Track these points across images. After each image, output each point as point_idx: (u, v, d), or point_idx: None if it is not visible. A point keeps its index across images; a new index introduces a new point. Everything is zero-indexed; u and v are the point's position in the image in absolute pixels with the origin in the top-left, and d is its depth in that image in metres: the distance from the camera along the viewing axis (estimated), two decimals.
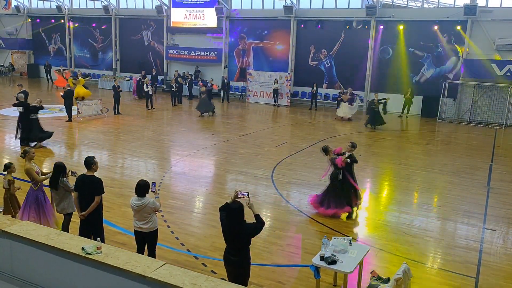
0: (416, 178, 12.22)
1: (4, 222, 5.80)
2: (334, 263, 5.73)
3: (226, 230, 5.61)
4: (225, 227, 5.63)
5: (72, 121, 18.07)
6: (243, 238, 5.58)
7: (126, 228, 8.02)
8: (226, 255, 5.67)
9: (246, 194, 5.77)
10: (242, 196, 5.76)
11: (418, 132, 19.55)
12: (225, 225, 5.63)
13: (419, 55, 22.77)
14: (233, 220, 5.53)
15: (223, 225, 5.67)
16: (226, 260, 5.69)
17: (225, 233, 5.65)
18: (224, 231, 5.66)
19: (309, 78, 24.68)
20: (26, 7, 34.04)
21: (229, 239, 5.63)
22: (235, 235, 5.56)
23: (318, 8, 24.83)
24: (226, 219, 5.61)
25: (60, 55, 33.40)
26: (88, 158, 6.72)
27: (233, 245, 5.61)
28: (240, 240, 5.58)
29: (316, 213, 9.29)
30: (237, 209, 5.51)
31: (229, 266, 5.68)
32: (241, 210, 5.53)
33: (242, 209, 5.54)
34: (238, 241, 5.58)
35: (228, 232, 5.60)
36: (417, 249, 7.93)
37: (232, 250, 5.61)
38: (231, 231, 5.57)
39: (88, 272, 4.99)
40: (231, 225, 5.56)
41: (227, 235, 5.63)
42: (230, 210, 5.55)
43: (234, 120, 20.52)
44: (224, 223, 5.66)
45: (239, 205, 5.54)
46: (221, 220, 5.73)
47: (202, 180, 11.52)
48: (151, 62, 29.73)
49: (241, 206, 5.54)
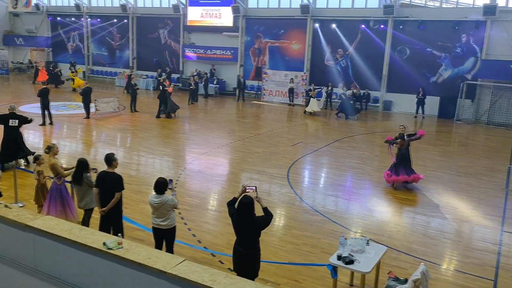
0: (433, 180, 12.11)
1: (28, 216, 5.94)
2: (352, 263, 5.73)
3: (238, 225, 5.72)
4: (236, 221, 5.73)
5: (90, 118, 18.32)
6: (254, 231, 5.70)
7: (144, 225, 8.13)
8: (237, 248, 5.77)
9: (254, 188, 5.89)
10: (250, 190, 5.85)
11: (435, 133, 19.35)
12: (236, 220, 5.73)
13: (436, 55, 22.53)
14: (245, 214, 5.63)
15: (234, 220, 5.77)
16: (236, 253, 5.78)
17: (236, 227, 5.75)
18: (235, 226, 5.76)
19: (325, 77, 24.61)
20: (46, 5, 34.57)
21: (241, 233, 5.73)
22: (247, 228, 5.67)
23: (334, 7, 24.72)
24: (237, 214, 5.69)
25: (78, 53, 33.85)
26: (108, 155, 6.84)
27: (244, 238, 5.72)
28: (252, 233, 5.70)
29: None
30: (249, 203, 5.60)
31: (239, 259, 5.76)
32: (252, 204, 5.64)
33: (253, 203, 5.65)
34: (249, 234, 5.70)
35: (240, 226, 5.70)
36: (435, 251, 7.88)
37: (243, 243, 5.71)
38: (243, 225, 5.67)
39: (109, 267, 5.09)
40: (242, 220, 5.65)
41: (238, 229, 5.73)
42: (242, 205, 5.63)
43: (250, 119, 20.58)
44: (234, 218, 5.76)
45: (250, 200, 5.63)
46: (231, 215, 5.83)
47: (218, 178, 11.60)
48: (167, 60, 29.96)
49: (252, 201, 5.65)
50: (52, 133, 15.94)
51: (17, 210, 6.20)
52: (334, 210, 9.73)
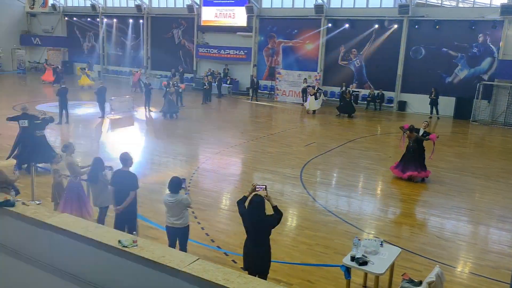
0: (448, 181, 11.98)
1: (45, 214, 6.04)
2: (365, 264, 5.71)
3: (248, 223, 5.75)
4: (247, 220, 5.76)
5: (105, 117, 18.52)
6: (265, 229, 5.74)
7: (158, 223, 8.20)
8: (247, 246, 5.81)
9: (264, 187, 5.95)
10: (260, 189, 5.91)
11: (450, 134, 19.14)
12: (246, 219, 5.76)
13: (452, 55, 22.26)
14: (255, 213, 5.67)
15: (244, 219, 5.81)
16: (247, 250, 5.81)
17: (247, 225, 5.79)
18: (246, 224, 5.79)
19: (339, 77, 24.49)
20: (62, 5, 35.05)
21: (251, 231, 5.77)
22: (258, 227, 5.71)
23: (349, 7, 24.60)
24: (248, 212, 5.73)
25: (94, 52, 34.23)
26: (124, 154, 6.92)
27: (254, 236, 5.76)
28: (262, 232, 5.74)
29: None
30: (260, 202, 5.65)
31: (249, 257, 5.80)
32: (263, 203, 5.69)
33: (264, 202, 5.70)
34: (260, 232, 5.74)
35: (251, 225, 5.73)
36: (450, 253, 7.80)
37: (253, 241, 5.76)
38: (254, 224, 5.70)
39: (124, 264, 5.14)
40: (253, 218, 5.68)
41: (249, 228, 5.77)
42: (253, 204, 5.67)
43: (263, 119, 20.59)
44: (244, 217, 5.79)
45: (261, 199, 5.68)
46: (242, 214, 5.86)
47: (231, 178, 11.64)
48: (181, 60, 30.13)
49: (263, 199, 5.70)
50: (68, 132, 16.14)
51: (35, 207, 6.31)
52: (347, 210, 9.70)
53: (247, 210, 5.75)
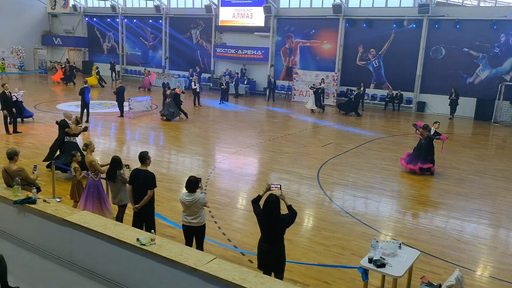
0: (468, 183, 11.78)
1: (65, 211, 6.14)
2: (383, 266, 5.64)
3: (263, 222, 5.77)
4: (262, 219, 5.77)
5: (124, 116, 18.74)
6: (279, 229, 5.75)
7: (176, 222, 8.25)
8: (262, 245, 5.82)
9: (278, 186, 5.96)
10: (274, 188, 5.92)
11: (471, 135, 18.81)
12: (262, 218, 5.77)
13: (474, 56, 21.88)
14: (271, 212, 5.67)
15: (259, 218, 5.82)
16: (261, 249, 5.82)
17: (262, 224, 5.80)
18: (261, 223, 5.80)
19: (357, 78, 24.29)
20: (83, 6, 35.61)
21: (266, 230, 5.78)
22: (273, 226, 5.71)
23: (367, 6, 24.38)
24: (263, 212, 5.74)
25: (113, 52, 34.69)
26: (142, 153, 6.98)
27: (269, 235, 5.77)
28: (277, 231, 5.75)
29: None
30: (275, 201, 5.65)
31: (264, 255, 5.80)
32: (279, 202, 5.70)
33: (279, 201, 5.71)
34: (274, 232, 5.74)
35: (266, 224, 5.74)
36: (470, 256, 7.66)
37: (268, 240, 5.76)
38: (269, 223, 5.71)
39: (142, 262, 5.20)
40: (268, 217, 5.69)
41: (264, 227, 5.78)
42: (268, 203, 5.67)
43: (280, 119, 20.56)
44: (260, 216, 5.80)
45: (276, 198, 5.68)
46: (257, 213, 5.87)
47: (248, 178, 11.65)
48: (198, 60, 30.31)
49: (278, 199, 5.70)
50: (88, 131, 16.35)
51: (55, 204, 6.42)
52: (364, 212, 9.61)
53: (263, 209, 5.76)
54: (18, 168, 6.87)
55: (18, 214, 6.42)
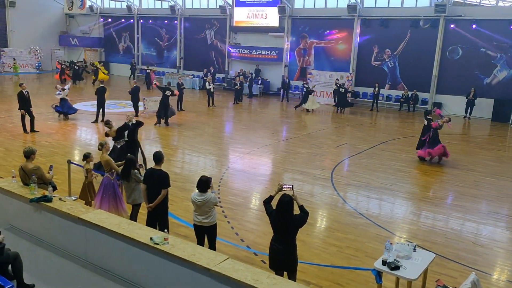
0: (485, 186, 11.59)
1: (80, 209, 6.22)
2: (397, 269, 5.57)
3: (276, 222, 5.74)
4: (275, 219, 5.75)
5: (139, 116, 18.86)
6: (292, 229, 5.74)
7: (189, 221, 8.28)
8: (274, 245, 5.78)
9: (291, 186, 5.94)
10: (287, 188, 5.90)
11: (488, 137, 18.51)
12: (275, 218, 5.75)
13: (491, 56, 21.53)
14: (284, 212, 5.65)
15: (272, 218, 5.80)
16: (274, 249, 5.79)
17: (275, 225, 5.78)
18: (274, 223, 5.78)
19: (371, 78, 24.11)
20: (99, 7, 36.03)
21: (279, 231, 5.76)
22: (286, 226, 5.69)
23: (383, 6, 24.17)
24: (276, 212, 5.72)
25: (129, 53, 35.02)
26: (157, 152, 7.02)
27: (282, 236, 5.74)
28: (290, 231, 5.73)
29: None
30: (289, 202, 5.64)
31: (276, 255, 5.77)
32: (292, 202, 5.69)
33: (293, 201, 5.70)
34: (287, 232, 5.73)
35: (279, 224, 5.72)
36: (486, 260, 7.54)
37: (280, 240, 5.74)
38: (282, 223, 5.69)
39: (155, 261, 5.23)
40: (282, 218, 5.68)
41: (277, 227, 5.76)
42: (282, 203, 5.65)
43: (293, 120, 20.51)
44: (273, 216, 5.79)
45: (290, 198, 5.67)
46: (269, 213, 5.86)
47: (261, 178, 11.64)
48: (213, 60, 30.41)
49: (291, 199, 5.69)
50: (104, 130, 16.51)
51: (71, 203, 6.50)
52: (378, 213, 9.52)
53: (275, 209, 5.75)
54: (34, 167, 6.97)
55: (34, 212, 6.53)
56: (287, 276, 5.81)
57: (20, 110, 15.01)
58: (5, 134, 14.79)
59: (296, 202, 5.83)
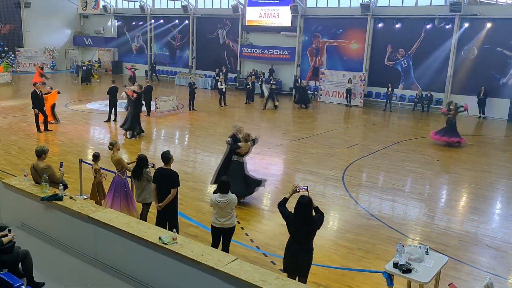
0: (501, 188, 11.37)
1: (90, 208, 6.23)
2: (409, 272, 5.47)
3: (296, 225, 5.60)
4: (294, 222, 5.61)
5: (151, 115, 18.97)
6: (311, 230, 5.65)
7: (199, 221, 8.27)
8: (292, 246, 5.66)
9: (306, 188, 5.82)
10: (301, 189, 5.79)
11: (504, 138, 18.17)
12: (293, 220, 5.62)
13: (508, 55, 21.14)
14: (304, 214, 5.53)
15: (290, 220, 5.65)
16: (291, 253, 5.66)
17: (293, 227, 5.64)
18: (292, 226, 5.64)
19: (385, 78, 23.85)
20: (113, 7, 36.31)
21: (298, 234, 5.62)
22: (305, 228, 5.58)
23: (397, 5, 23.90)
24: (295, 214, 5.59)
25: (142, 53, 35.23)
26: (165, 152, 7.01)
27: (301, 239, 5.62)
28: (309, 232, 5.63)
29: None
30: (307, 203, 5.53)
31: (293, 257, 5.66)
32: (311, 203, 5.57)
33: (312, 202, 5.58)
34: (307, 234, 5.62)
35: (298, 226, 5.58)
36: (501, 263, 7.37)
37: (300, 244, 5.62)
38: (302, 226, 5.56)
39: (164, 261, 5.21)
40: (301, 219, 5.54)
41: (296, 229, 5.62)
42: (301, 205, 5.53)
43: (305, 120, 20.40)
44: (291, 218, 5.65)
45: (309, 199, 5.55)
46: (287, 216, 5.71)
47: (272, 178, 11.56)
48: (225, 60, 30.43)
49: (310, 200, 5.57)
50: (116, 129, 16.64)
51: (81, 202, 6.53)
52: (390, 215, 9.39)
53: (294, 211, 5.61)
54: (45, 166, 7.01)
55: (45, 211, 6.57)
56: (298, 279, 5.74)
57: (33, 109, 15.18)
58: (19, 133, 14.97)
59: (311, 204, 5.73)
